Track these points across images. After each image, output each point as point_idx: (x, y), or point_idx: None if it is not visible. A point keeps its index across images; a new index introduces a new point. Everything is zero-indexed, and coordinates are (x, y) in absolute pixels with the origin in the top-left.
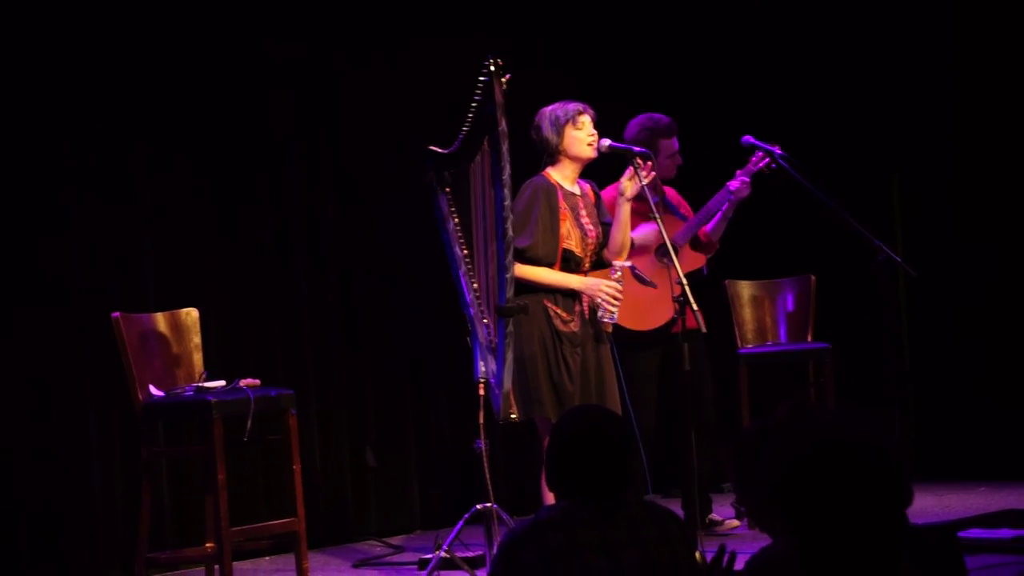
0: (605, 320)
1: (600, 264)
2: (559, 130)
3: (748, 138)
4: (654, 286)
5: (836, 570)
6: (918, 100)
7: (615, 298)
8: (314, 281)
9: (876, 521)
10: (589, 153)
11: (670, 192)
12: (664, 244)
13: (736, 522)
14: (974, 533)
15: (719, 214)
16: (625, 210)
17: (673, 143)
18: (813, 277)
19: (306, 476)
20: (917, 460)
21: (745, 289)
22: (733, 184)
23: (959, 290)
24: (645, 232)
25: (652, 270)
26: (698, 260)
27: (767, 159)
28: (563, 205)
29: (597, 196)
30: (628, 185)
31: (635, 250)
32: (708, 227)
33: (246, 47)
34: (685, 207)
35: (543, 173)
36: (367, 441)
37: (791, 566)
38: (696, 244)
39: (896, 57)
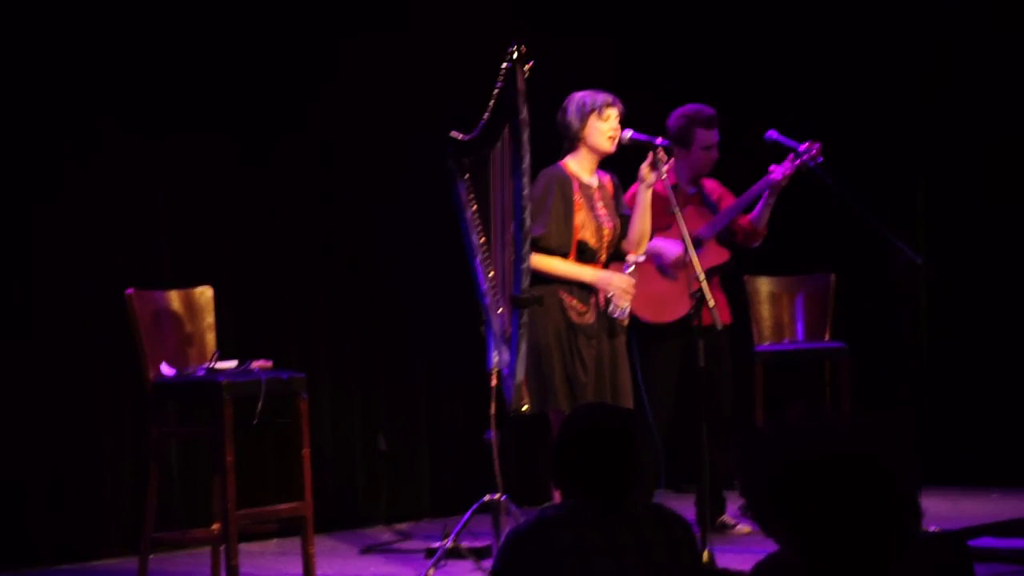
0: (615, 315)
1: (619, 256)
2: (584, 117)
3: (772, 133)
4: (674, 278)
5: None
6: (945, 99)
7: (627, 292)
8: (330, 263)
9: (882, 534)
10: (608, 147)
11: (711, 184)
12: (685, 241)
13: (748, 528)
14: (985, 542)
15: (760, 202)
16: (645, 197)
17: (712, 135)
18: (833, 275)
19: (316, 460)
20: (931, 463)
21: (764, 285)
22: (777, 174)
23: (980, 293)
24: (671, 251)
25: (674, 266)
26: (722, 255)
27: (807, 156)
28: (578, 196)
29: (616, 188)
30: (648, 173)
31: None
32: (752, 215)
33: (265, 26)
34: (728, 199)
35: (560, 163)
36: (379, 426)
37: (798, 574)
38: (739, 235)
39: (923, 55)
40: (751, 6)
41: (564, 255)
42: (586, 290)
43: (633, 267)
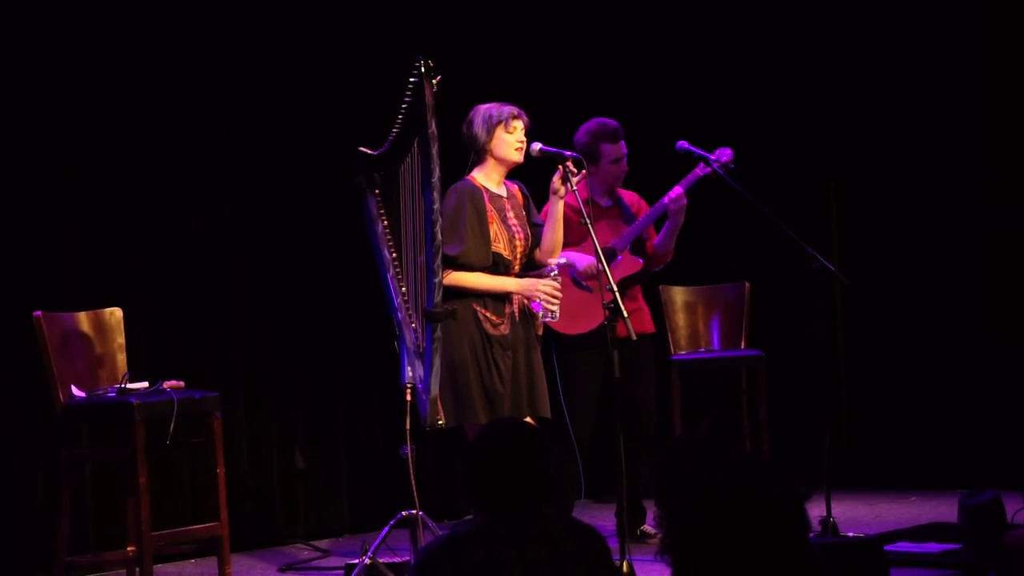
0: (547, 320)
1: (531, 266)
2: (490, 129)
3: (683, 144)
4: (590, 290)
5: None
6: (856, 106)
7: (554, 296)
8: (243, 281)
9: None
10: (515, 158)
11: (629, 196)
12: (597, 253)
13: None
14: (901, 547)
15: (665, 227)
16: (558, 208)
17: (619, 148)
18: (747, 284)
19: (233, 478)
20: (849, 469)
21: (679, 295)
22: (667, 197)
23: (893, 298)
24: (582, 262)
25: (587, 278)
26: (635, 264)
27: (708, 170)
28: (490, 208)
29: (526, 197)
30: (559, 186)
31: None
32: (656, 240)
33: (176, 45)
34: (647, 209)
35: (468, 177)
36: (296, 443)
37: None
38: (646, 255)
39: (833, 63)
40: (660, 17)
41: (484, 270)
42: (500, 301)
43: (556, 271)
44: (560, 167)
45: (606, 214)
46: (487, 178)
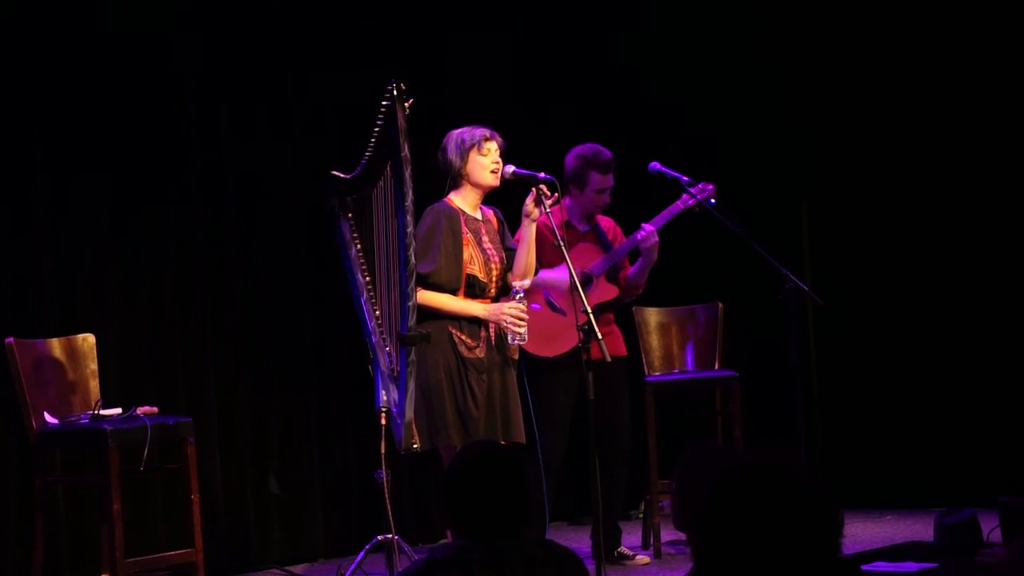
0: (516, 343)
1: (506, 290)
2: (463, 154)
3: (655, 165)
4: (564, 314)
5: None
6: (828, 125)
7: (520, 319)
8: (216, 306)
9: (797, 566)
10: (491, 180)
11: (606, 222)
12: (571, 274)
13: (646, 558)
14: (878, 566)
15: (638, 263)
16: (530, 232)
17: (608, 179)
18: (721, 304)
19: (208, 504)
20: None
21: (652, 316)
22: (640, 234)
23: (867, 317)
24: (558, 276)
25: (563, 299)
26: (610, 291)
27: (684, 206)
28: (465, 230)
29: (501, 222)
30: (532, 208)
31: (550, 286)
32: (629, 272)
33: (147, 71)
34: (622, 237)
35: (445, 199)
36: (271, 468)
37: None
38: (619, 285)
39: (803, 83)
40: (632, 40)
41: (454, 291)
42: (476, 324)
43: (521, 293)
44: (533, 189)
45: (582, 238)
46: (463, 201)
